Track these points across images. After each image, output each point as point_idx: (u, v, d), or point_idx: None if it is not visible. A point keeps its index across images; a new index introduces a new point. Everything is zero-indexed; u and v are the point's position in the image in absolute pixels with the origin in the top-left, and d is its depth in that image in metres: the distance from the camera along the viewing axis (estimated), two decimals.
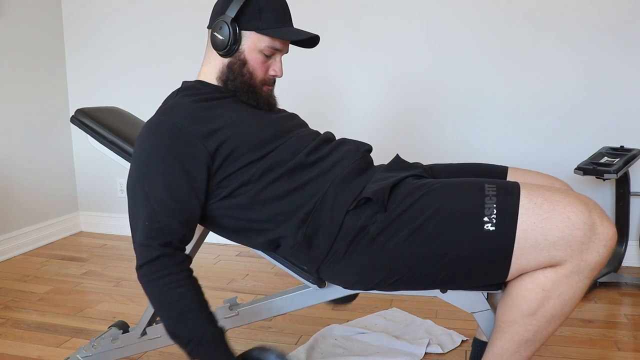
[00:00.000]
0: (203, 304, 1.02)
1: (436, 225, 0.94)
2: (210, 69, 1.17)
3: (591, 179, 2.29)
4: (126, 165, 1.33)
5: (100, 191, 2.91)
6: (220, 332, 1.02)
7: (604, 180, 2.18)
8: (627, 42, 2.16)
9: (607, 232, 0.88)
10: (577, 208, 0.88)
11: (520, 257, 0.91)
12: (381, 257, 0.99)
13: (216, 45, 1.12)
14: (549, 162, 2.32)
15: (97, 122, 1.35)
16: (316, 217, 1.04)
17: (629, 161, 1.96)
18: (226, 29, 1.10)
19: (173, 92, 1.19)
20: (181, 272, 1.01)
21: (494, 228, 0.91)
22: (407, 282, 1.01)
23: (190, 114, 1.05)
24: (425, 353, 1.54)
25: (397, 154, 1.21)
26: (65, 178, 2.87)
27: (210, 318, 1.01)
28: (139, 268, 1.02)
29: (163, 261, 1.00)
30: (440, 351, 1.55)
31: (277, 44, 1.13)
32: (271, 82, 1.18)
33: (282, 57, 1.19)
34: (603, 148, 2.10)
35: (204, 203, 1.07)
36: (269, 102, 1.18)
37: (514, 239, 0.90)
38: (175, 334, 1.01)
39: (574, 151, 2.28)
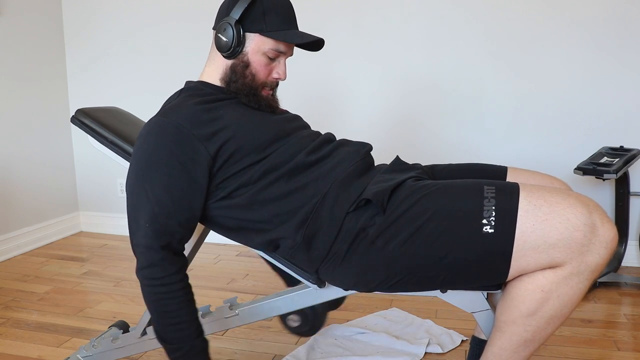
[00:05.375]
0: (194, 315, 1.06)
1: (435, 228, 0.94)
2: (213, 69, 1.17)
3: (591, 179, 2.29)
4: (126, 165, 1.33)
5: (100, 191, 2.91)
6: (205, 345, 1.07)
7: (604, 180, 2.18)
8: (627, 42, 2.16)
9: (607, 234, 0.87)
10: (577, 209, 0.88)
11: (519, 259, 0.91)
12: (380, 259, 0.99)
13: (220, 46, 1.12)
14: (548, 162, 2.32)
15: (98, 122, 1.35)
16: (316, 219, 1.04)
17: (628, 161, 1.96)
18: (230, 31, 1.09)
19: (176, 93, 1.19)
20: (179, 282, 1.04)
21: (492, 230, 0.91)
22: (407, 284, 1.01)
23: (192, 115, 1.05)
24: (425, 353, 1.54)
25: (397, 156, 1.20)
26: (65, 178, 2.87)
27: (199, 330, 1.06)
28: (140, 270, 1.04)
29: (164, 267, 1.03)
30: (440, 351, 1.55)
31: (281, 47, 1.13)
32: (273, 85, 1.18)
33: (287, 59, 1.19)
34: (603, 148, 2.10)
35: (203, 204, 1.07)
36: (270, 105, 1.18)
37: (513, 241, 0.90)
38: (164, 340, 1.05)
39: (573, 151, 2.29)
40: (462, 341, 1.62)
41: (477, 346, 1.19)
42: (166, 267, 1.02)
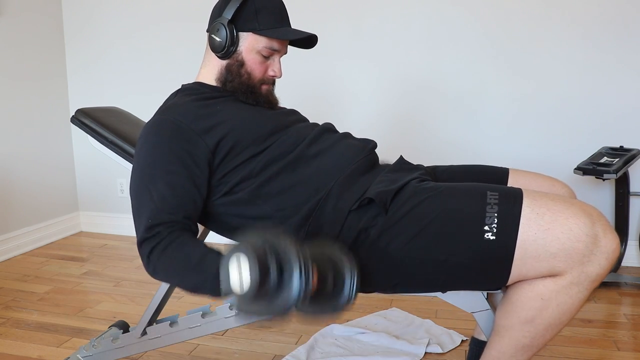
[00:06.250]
0: (210, 248, 0.96)
1: (437, 232, 0.94)
2: (208, 70, 1.17)
3: (591, 179, 2.29)
4: (126, 165, 1.33)
5: (100, 191, 2.91)
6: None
7: (604, 180, 2.17)
8: (627, 42, 2.16)
9: (609, 245, 0.87)
10: (580, 219, 0.87)
11: (520, 267, 0.90)
12: (381, 261, 0.98)
13: (214, 47, 1.12)
14: (549, 162, 2.32)
15: (97, 122, 1.35)
16: (319, 216, 1.03)
17: (628, 161, 1.96)
18: (223, 31, 1.10)
19: (172, 94, 1.19)
20: (180, 235, 0.97)
21: (494, 237, 0.90)
22: (407, 286, 1.01)
23: (190, 111, 1.06)
24: (425, 353, 1.55)
25: (401, 156, 1.20)
26: (65, 178, 2.87)
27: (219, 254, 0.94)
28: (147, 257, 0.97)
29: (164, 235, 0.96)
30: (440, 351, 1.55)
31: (275, 45, 1.13)
32: (270, 81, 1.18)
33: (282, 58, 1.19)
34: (603, 148, 2.10)
35: (206, 201, 1.07)
36: (269, 100, 1.18)
37: (514, 249, 0.89)
38: (204, 287, 0.95)
39: (573, 151, 2.28)
40: (462, 341, 1.62)
41: (477, 347, 1.19)
42: (165, 235, 0.96)
